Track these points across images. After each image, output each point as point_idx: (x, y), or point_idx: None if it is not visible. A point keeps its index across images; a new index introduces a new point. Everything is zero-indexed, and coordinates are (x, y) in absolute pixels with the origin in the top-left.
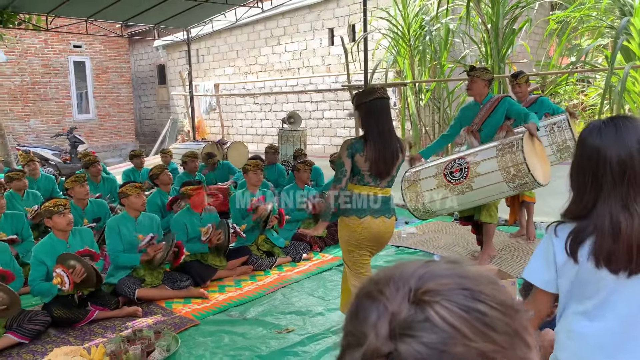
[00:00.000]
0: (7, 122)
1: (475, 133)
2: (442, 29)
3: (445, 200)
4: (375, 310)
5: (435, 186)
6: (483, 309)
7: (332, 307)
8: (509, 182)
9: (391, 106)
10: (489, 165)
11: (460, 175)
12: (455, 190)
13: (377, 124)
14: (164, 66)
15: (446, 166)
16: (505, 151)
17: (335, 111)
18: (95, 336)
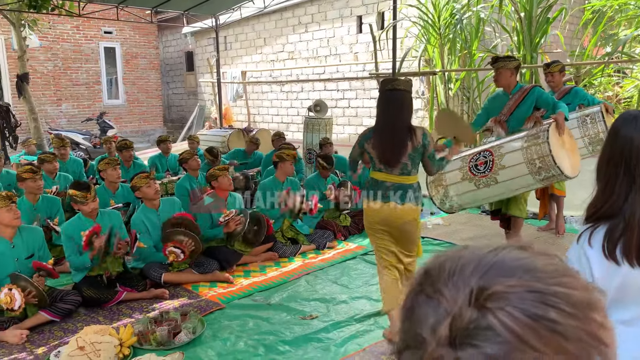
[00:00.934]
0: (40, 106)
1: (503, 124)
2: (474, 17)
3: (471, 194)
4: (433, 312)
5: (460, 179)
6: (554, 317)
7: (355, 296)
8: (535, 174)
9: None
10: (514, 157)
11: (485, 168)
12: (480, 183)
13: (384, 114)
14: (192, 53)
15: (471, 159)
16: (531, 143)
17: (362, 100)
18: (123, 316)
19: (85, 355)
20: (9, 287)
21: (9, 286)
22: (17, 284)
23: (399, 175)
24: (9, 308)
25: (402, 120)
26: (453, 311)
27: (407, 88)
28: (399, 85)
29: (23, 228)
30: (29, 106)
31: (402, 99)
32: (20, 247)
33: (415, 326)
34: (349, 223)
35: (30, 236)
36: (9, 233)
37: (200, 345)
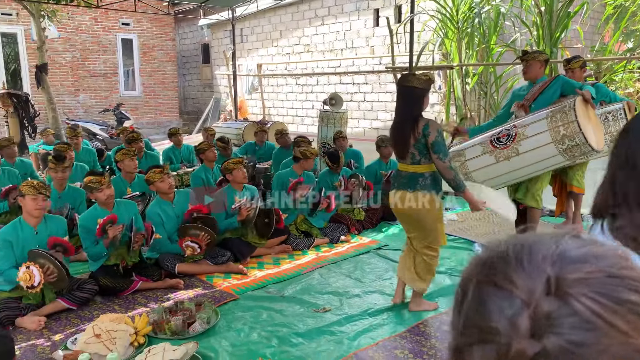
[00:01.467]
0: (58, 97)
1: (526, 108)
2: (492, 11)
3: (489, 168)
4: (508, 303)
5: (480, 153)
6: (635, 299)
7: (369, 290)
8: (558, 143)
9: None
10: (538, 127)
11: (507, 140)
12: (501, 155)
13: (396, 108)
14: (208, 45)
15: (493, 133)
16: (556, 112)
17: (378, 94)
18: (138, 305)
19: (101, 342)
20: (26, 265)
21: (27, 264)
22: (35, 261)
23: (410, 165)
24: (29, 285)
25: (407, 114)
26: (532, 301)
27: (418, 85)
28: (410, 81)
29: (48, 216)
30: (48, 96)
31: (411, 94)
32: (44, 234)
33: (485, 319)
34: (362, 217)
35: (54, 225)
36: (33, 221)
37: (215, 335)
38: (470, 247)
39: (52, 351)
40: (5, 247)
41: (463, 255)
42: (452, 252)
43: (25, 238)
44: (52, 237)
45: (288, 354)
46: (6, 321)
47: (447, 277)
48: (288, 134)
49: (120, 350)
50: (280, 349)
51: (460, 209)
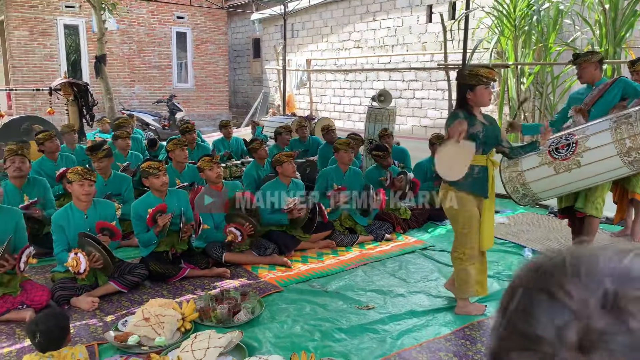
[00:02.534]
0: (114, 87)
1: (584, 112)
2: (552, 8)
3: (548, 180)
4: (559, 312)
5: (538, 164)
6: None
7: (414, 290)
8: (624, 155)
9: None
10: (601, 138)
11: (567, 151)
12: (560, 167)
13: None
14: (259, 40)
15: (551, 142)
16: (621, 122)
17: (428, 91)
18: (186, 292)
19: (149, 326)
20: (75, 252)
21: (75, 250)
22: (82, 249)
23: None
24: (76, 271)
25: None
26: (584, 313)
27: (461, 80)
28: (458, 76)
29: (97, 201)
30: (105, 86)
31: (458, 89)
32: (93, 218)
33: (531, 326)
34: (409, 216)
35: (104, 209)
36: (83, 205)
37: (258, 325)
38: (519, 252)
39: (104, 331)
40: (58, 231)
41: (512, 260)
42: (501, 256)
43: (75, 222)
44: (100, 222)
45: (330, 349)
46: (62, 300)
47: (494, 281)
48: (335, 130)
49: (168, 335)
50: (323, 344)
51: (511, 213)
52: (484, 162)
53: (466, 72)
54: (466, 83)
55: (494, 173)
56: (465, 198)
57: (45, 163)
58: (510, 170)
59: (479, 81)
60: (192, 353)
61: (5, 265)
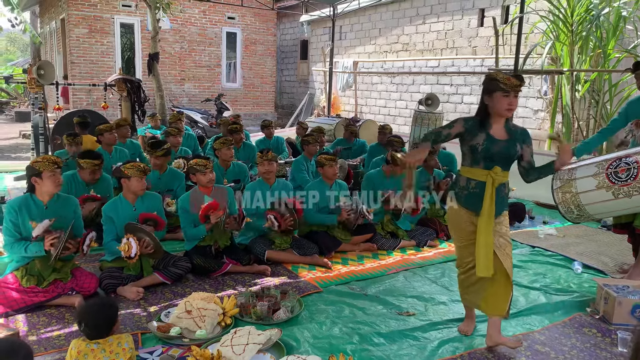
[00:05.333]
0: (165, 84)
1: None
2: (613, 14)
3: (606, 204)
4: None
5: (595, 187)
6: None
7: (456, 299)
8: None
9: (540, 95)
10: None
11: (627, 176)
12: (620, 192)
13: None
14: (306, 42)
15: (609, 165)
16: None
17: (477, 96)
18: (227, 287)
19: (191, 319)
20: (127, 237)
21: (127, 236)
22: (133, 234)
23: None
24: (127, 256)
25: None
26: None
27: (484, 84)
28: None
29: (145, 194)
30: (157, 84)
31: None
32: (140, 210)
33: None
34: None
35: (150, 201)
36: (132, 197)
37: (297, 325)
38: (569, 265)
39: (148, 321)
40: (108, 222)
41: (560, 273)
42: (549, 269)
43: (124, 213)
44: (142, 214)
45: (369, 353)
46: (109, 288)
47: (541, 294)
48: (390, 132)
49: (209, 328)
50: (361, 347)
51: (560, 224)
52: (482, 177)
53: (487, 75)
54: (486, 87)
55: (493, 192)
56: (457, 211)
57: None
58: (563, 190)
59: (496, 87)
60: (231, 348)
61: (70, 248)
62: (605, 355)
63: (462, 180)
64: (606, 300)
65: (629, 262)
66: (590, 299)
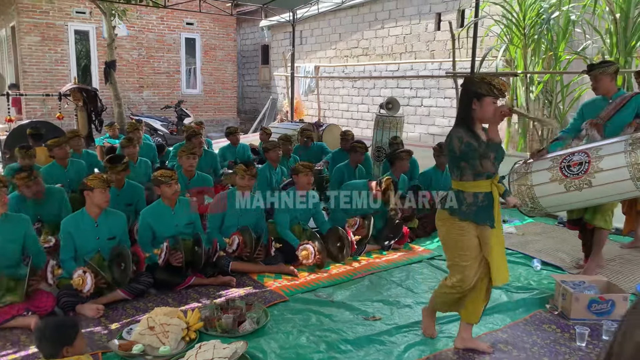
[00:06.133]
0: (123, 92)
1: (600, 127)
2: (562, 17)
3: (558, 196)
4: None
5: (548, 180)
6: None
7: (421, 301)
8: (637, 180)
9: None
10: (615, 160)
11: (579, 170)
12: (571, 185)
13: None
14: (267, 46)
15: (563, 159)
16: (636, 146)
17: (436, 99)
18: (191, 300)
19: (154, 335)
20: (83, 270)
21: (83, 269)
22: (92, 269)
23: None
24: (79, 290)
25: (456, 119)
26: None
27: (469, 86)
28: (464, 81)
29: (109, 211)
30: (114, 92)
31: (461, 95)
32: (104, 227)
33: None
34: (416, 225)
35: (114, 220)
36: (96, 212)
37: (263, 336)
38: (529, 263)
39: (109, 340)
40: (67, 238)
41: (521, 271)
42: (510, 267)
43: (85, 229)
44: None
45: None
46: (67, 307)
47: (503, 292)
48: (352, 137)
49: (172, 344)
50: (329, 355)
51: (520, 222)
52: (488, 187)
53: (477, 77)
54: (475, 90)
55: (499, 199)
56: (467, 227)
57: (55, 169)
58: (519, 183)
59: (489, 91)
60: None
61: (34, 284)
62: (565, 350)
63: (468, 196)
64: (564, 296)
65: (583, 257)
66: (549, 295)
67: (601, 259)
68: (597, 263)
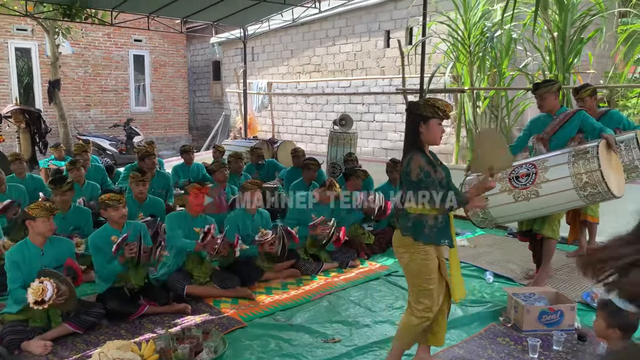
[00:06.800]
0: (69, 112)
1: (545, 141)
2: (504, 35)
3: (507, 207)
4: None
5: (498, 191)
6: None
7: (379, 320)
8: (580, 190)
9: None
10: (560, 171)
11: (526, 181)
12: (520, 195)
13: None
14: (219, 62)
15: (512, 171)
16: (579, 157)
17: (387, 114)
18: (145, 331)
19: None
20: (40, 280)
21: (42, 279)
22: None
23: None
24: (39, 300)
25: (406, 143)
26: None
27: (416, 110)
28: (411, 106)
29: (55, 238)
30: (60, 112)
31: (409, 120)
32: (50, 255)
33: None
34: (372, 241)
35: (61, 247)
36: (40, 240)
37: None
38: (482, 276)
39: None
40: (13, 268)
41: (474, 284)
42: (464, 280)
43: (31, 258)
44: (70, 260)
45: None
46: (12, 345)
47: (458, 307)
48: (303, 154)
49: None
50: None
51: (471, 235)
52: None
53: (421, 101)
54: (420, 114)
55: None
56: (430, 251)
57: None
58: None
59: (434, 113)
60: None
61: None
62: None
63: (429, 219)
64: (516, 308)
65: (533, 268)
66: (502, 308)
67: (550, 269)
68: (547, 273)
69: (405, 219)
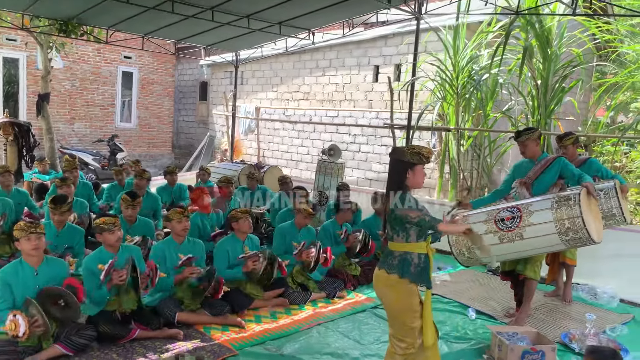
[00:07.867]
0: (53, 124)
1: (528, 185)
2: (490, 80)
3: (492, 247)
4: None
5: (484, 232)
6: None
7: (368, 353)
8: (562, 234)
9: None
10: (543, 216)
11: (512, 223)
12: (505, 237)
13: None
14: (206, 83)
15: (498, 213)
16: (562, 204)
17: (373, 146)
18: (137, 355)
19: None
20: (13, 314)
21: (14, 312)
22: (26, 311)
23: (389, 240)
24: (14, 335)
25: (390, 185)
26: None
27: (402, 157)
28: (396, 152)
29: (51, 259)
30: (47, 126)
31: (394, 165)
32: (44, 276)
33: None
34: (358, 273)
35: (56, 268)
36: (34, 260)
37: None
38: (464, 312)
39: None
40: (4, 289)
41: (458, 320)
42: (447, 316)
43: (25, 279)
44: (70, 279)
45: None
46: None
47: (443, 342)
48: (291, 181)
49: None
50: None
51: (452, 269)
52: (425, 249)
53: (407, 149)
54: (408, 161)
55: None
56: (413, 289)
57: None
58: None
59: (420, 160)
60: None
61: None
62: None
63: (414, 257)
64: (500, 347)
65: (513, 306)
66: (486, 345)
67: (530, 308)
68: (526, 313)
69: (391, 257)
